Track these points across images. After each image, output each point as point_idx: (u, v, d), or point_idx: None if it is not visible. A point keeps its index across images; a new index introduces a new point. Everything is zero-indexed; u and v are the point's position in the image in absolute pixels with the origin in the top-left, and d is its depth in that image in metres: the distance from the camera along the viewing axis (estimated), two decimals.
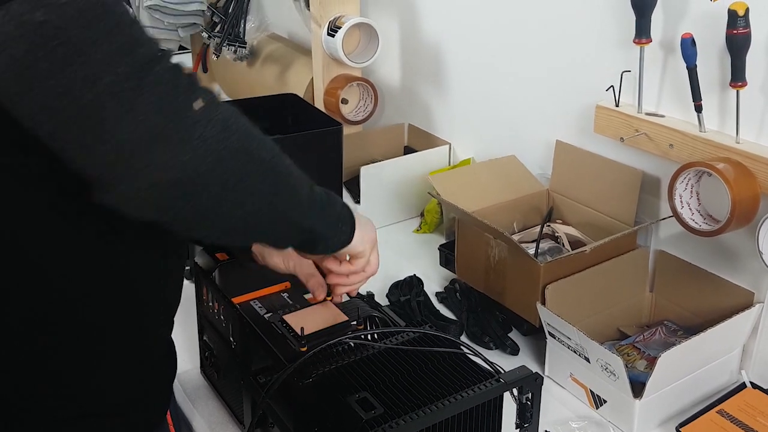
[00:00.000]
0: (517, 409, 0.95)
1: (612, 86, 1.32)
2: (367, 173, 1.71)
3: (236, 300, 1.11)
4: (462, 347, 0.99)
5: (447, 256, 1.56)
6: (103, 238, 0.81)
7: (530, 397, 0.94)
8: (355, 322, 1.05)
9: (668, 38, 1.25)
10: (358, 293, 1.46)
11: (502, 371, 0.94)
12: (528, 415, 0.95)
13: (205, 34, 2.20)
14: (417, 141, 1.94)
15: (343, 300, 1.10)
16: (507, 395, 0.93)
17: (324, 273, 1.06)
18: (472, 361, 0.97)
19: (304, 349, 0.96)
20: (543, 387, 0.96)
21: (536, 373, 0.93)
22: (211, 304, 1.15)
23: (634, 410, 1.11)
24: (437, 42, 1.82)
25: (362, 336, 1.01)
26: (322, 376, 0.93)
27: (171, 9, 2.24)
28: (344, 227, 0.92)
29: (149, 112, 0.63)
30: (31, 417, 0.85)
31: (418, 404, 0.87)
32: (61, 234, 0.78)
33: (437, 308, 1.45)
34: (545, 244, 1.44)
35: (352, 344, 0.99)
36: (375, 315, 1.08)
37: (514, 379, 0.92)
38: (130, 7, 0.71)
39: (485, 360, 0.96)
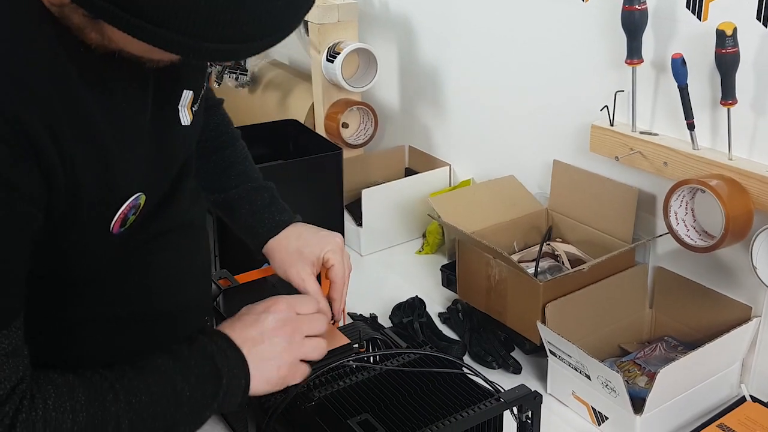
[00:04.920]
0: (517, 428, 0.96)
1: (606, 106, 1.34)
2: (368, 196, 1.73)
3: None
4: (462, 367, 1.00)
5: (449, 276, 1.57)
6: None
7: (530, 416, 0.95)
8: (357, 345, 1.06)
9: (659, 58, 1.27)
10: (361, 315, 1.47)
11: (502, 390, 0.96)
12: None
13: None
14: (417, 163, 1.96)
15: (346, 322, 1.12)
16: (507, 414, 0.95)
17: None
18: (473, 380, 0.98)
19: None
20: (545, 405, 0.97)
21: (535, 391, 0.95)
22: None
23: (635, 426, 1.12)
24: (435, 65, 1.85)
25: (364, 358, 1.03)
26: (324, 399, 0.95)
27: None
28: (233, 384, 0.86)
29: None
30: None
31: (418, 425, 0.89)
32: None
33: (440, 329, 1.46)
34: (545, 263, 1.46)
35: (354, 366, 1.01)
36: (377, 337, 1.10)
37: (514, 397, 0.93)
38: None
39: (485, 379, 0.98)
